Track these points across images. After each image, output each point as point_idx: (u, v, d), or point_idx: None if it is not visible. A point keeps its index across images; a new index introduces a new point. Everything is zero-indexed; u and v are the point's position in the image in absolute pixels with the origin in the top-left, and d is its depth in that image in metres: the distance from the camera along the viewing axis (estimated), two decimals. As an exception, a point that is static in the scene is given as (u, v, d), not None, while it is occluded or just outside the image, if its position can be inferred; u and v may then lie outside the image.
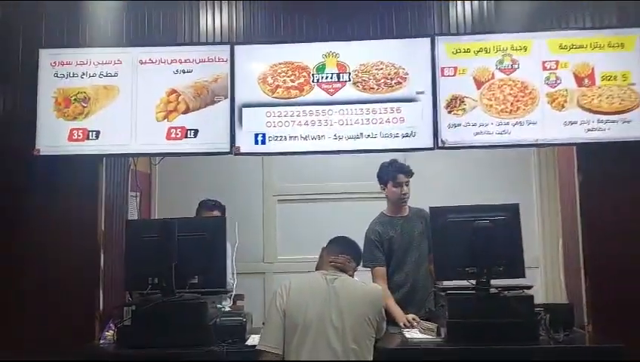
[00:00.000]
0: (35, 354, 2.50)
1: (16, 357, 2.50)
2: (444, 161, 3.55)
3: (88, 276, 2.64)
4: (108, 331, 2.56)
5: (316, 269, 2.25)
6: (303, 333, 1.95)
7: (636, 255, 2.52)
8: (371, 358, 1.99)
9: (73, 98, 2.57)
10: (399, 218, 2.80)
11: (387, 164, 2.80)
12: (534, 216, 3.65)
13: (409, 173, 2.71)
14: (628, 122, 2.45)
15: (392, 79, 2.53)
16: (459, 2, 2.61)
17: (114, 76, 2.59)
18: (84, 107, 2.57)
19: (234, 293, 3.09)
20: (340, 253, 2.17)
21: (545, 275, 3.57)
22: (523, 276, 2.41)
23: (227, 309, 2.78)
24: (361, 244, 2.52)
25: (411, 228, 2.76)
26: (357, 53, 2.57)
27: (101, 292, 2.66)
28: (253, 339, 2.37)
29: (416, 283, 2.75)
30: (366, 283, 2.19)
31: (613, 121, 2.45)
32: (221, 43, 2.64)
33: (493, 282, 2.39)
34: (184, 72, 2.60)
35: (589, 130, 2.46)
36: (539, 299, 2.73)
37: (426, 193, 3.08)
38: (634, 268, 2.51)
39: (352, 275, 2.15)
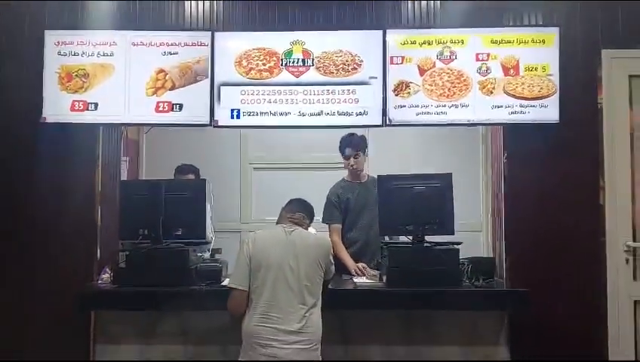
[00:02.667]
0: (44, 293, 2.96)
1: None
2: (405, 136, 4.04)
3: (87, 228, 3.05)
4: (104, 274, 3.01)
5: (277, 224, 2.70)
6: (265, 274, 2.36)
7: (548, 220, 2.99)
8: (320, 293, 2.45)
9: (74, 74, 2.94)
10: (357, 184, 3.28)
11: (345, 137, 3.26)
12: (479, 186, 4.14)
13: (356, 147, 3.17)
14: (545, 107, 2.88)
15: (349, 65, 2.93)
16: (409, 1, 3.02)
17: (110, 56, 2.95)
18: (83, 82, 2.95)
19: (212, 247, 3.56)
20: (297, 211, 2.62)
21: (486, 238, 4.09)
22: (452, 233, 2.88)
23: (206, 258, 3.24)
24: (321, 205, 2.99)
25: (366, 193, 3.23)
26: (320, 41, 2.95)
27: (98, 242, 3.10)
28: (227, 282, 2.86)
29: (369, 240, 3.24)
30: (317, 235, 2.65)
31: (533, 106, 2.88)
32: (203, 29, 3.00)
33: (429, 239, 2.89)
34: (171, 54, 2.96)
35: (512, 112, 2.90)
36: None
37: (387, 163, 3.62)
38: (546, 231, 2.99)
39: (305, 229, 2.61)
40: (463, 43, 2.93)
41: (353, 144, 3.18)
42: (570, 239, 2.98)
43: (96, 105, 2.95)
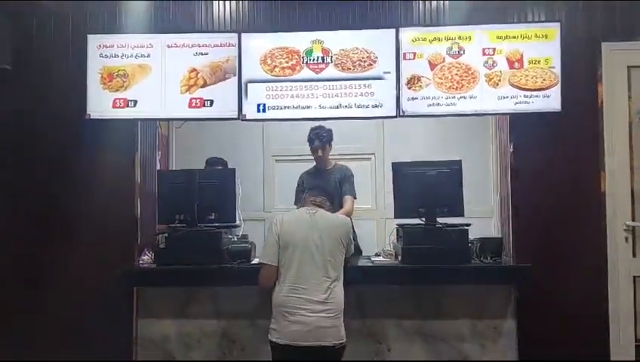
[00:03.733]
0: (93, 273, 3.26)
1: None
2: (419, 127, 4.30)
3: (128, 215, 3.33)
4: (144, 256, 3.33)
5: (301, 207, 2.95)
6: (293, 251, 2.62)
7: (552, 202, 3.21)
8: (342, 268, 2.70)
9: (115, 74, 3.23)
10: (323, 170, 3.68)
11: (311, 130, 3.62)
12: (490, 174, 4.35)
13: (323, 140, 3.59)
14: (548, 97, 3.09)
15: (364, 61, 3.18)
16: (419, 1, 3.27)
17: (147, 57, 3.22)
18: (123, 81, 3.24)
19: (241, 234, 3.84)
20: (318, 196, 2.87)
21: (497, 223, 4.30)
22: (462, 215, 3.12)
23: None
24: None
25: (329, 178, 3.55)
26: (338, 40, 3.19)
27: (138, 227, 3.39)
28: (255, 260, 3.15)
29: None
30: (338, 216, 2.91)
31: (536, 96, 3.10)
32: (231, 31, 3.27)
33: (441, 221, 3.14)
34: (202, 55, 3.22)
35: (517, 103, 3.12)
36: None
37: (404, 151, 3.90)
38: (550, 212, 3.20)
39: (326, 210, 2.88)
40: (470, 39, 3.15)
41: (321, 137, 3.57)
42: (573, 220, 3.20)
43: (135, 102, 3.24)
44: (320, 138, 3.59)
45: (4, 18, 3.24)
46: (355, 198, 3.68)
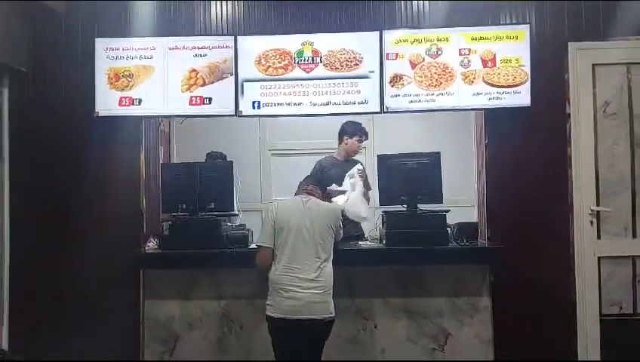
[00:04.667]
0: (102, 259, 3.53)
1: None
2: (412, 122, 4.58)
3: (134, 205, 3.58)
4: (149, 243, 3.60)
5: (295, 195, 3.24)
6: (287, 234, 2.88)
7: (524, 189, 3.47)
8: (331, 250, 2.94)
9: (121, 74, 3.48)
10: (340, 162, 3.89)
11: (353, 123, 3.81)
12: (472, 166, 4.62)
13: (365, 135, 3.83)
14: (518, 93, 3.36)
15: (351, 62, 3.43)
16: (402, 4, 3.53)
17: (150, 58, 3.47)
18: (129, 81, 3.49)
19: (238, 223, 4.11)
20: (310, 185, 3.16)
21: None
22: (440, 202, 3.40)
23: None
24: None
25: (343, 169, 3.74)
26: (327, 42, 3.45)
27: (144, 216, 3.65)
28: (252, 246, 3.42)
29: None
30: (328, 204, 3.19)
31: (507, 93, 3.37)
32: (227, 34, 3.53)
33: (423, 207, 3.42)
34: (201, 56, 3.47)
35: (490, 98, 3.38)
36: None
37: (397, 143, 4.19)
38: (522, 199, 3.47)
39: (317, 198, 3.14)
40: (447, 40, 3.42)
41: (364, 131, 3.85)
42: (542, 205, 3.48)
43: (140, 100, 3.49)
44: (365, 133, 3.88)
45: (21, 23, 3.49)
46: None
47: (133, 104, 3.50)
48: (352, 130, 3.85)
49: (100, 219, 3.57)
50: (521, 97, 3.39)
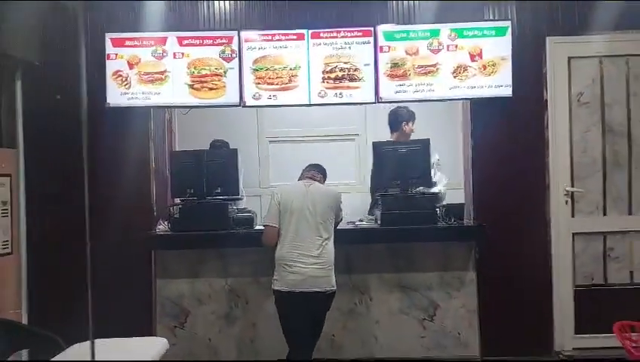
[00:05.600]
0: (116, 241, 3.74)
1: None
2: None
3: (144, 190, 3.81)
4: (160, 225, 3.85)
5: (298, 180, 3.49)
6: (291, 215, 3.13)
7: (505, 172, 3.76)
8: (332, 230, 3.20)
9: (134, 67, 3.69)
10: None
11: (407, 109, 4.02)
12: (459, 151, 4.91)
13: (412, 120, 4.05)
14: (501, 85, 3.68)
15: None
16: (393, 3, 3.79)
17: (158, 52, 3.66)
18: (139, 73, 3.72)
19: (243, 206, 4.36)
20: (312, 170, 3.43)
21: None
22: (430, 186, 3.72)
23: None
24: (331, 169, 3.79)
25: None
26: (325, 36, 3.72)
27: (154, 200, 3.89)
28: (257, 226, 3.69)
29: None
30: (329, 188, 3.44)
31: (491, 84, 3.67)
32: (231, 29, 3.74)
33: (416, 190, 3.70)
34: (206, 49, 3.66)
35: (475, 89, 3.67)
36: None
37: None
38: (503, 181, 3.76)
39: (319, 183, 3.39)
40: (437, 35, 3.69)
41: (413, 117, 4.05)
42: (522, 187, 3.79)
43: (149, 92, 3.72)
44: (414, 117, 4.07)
45: (33, 19, 3.66)
46: None
47: (142, 95, 3.71)
48: (409, 116, 4.06)
49: (113, 205, 3.77)
50: (504, 89, 3.68)
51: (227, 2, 3.87)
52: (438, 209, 3.66)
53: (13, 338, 2.88)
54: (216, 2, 3.87)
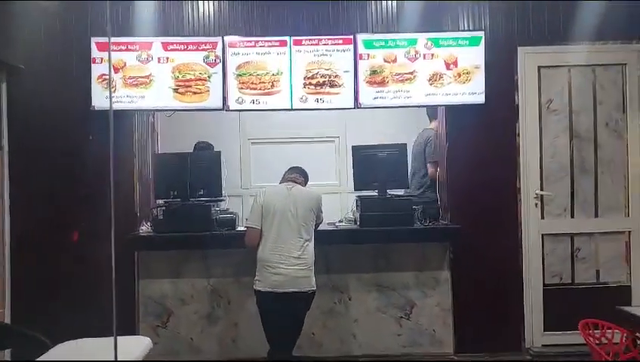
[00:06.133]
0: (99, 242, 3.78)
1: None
2: (383, 114, 4.93)
3: (128, 192, 3.86)
4: (143, 226, 3.91)
5: (280, 183, 3.59)
6: (273, 217, 3.21)
7: (479, 175, 3.90)
8: (313, 231, 3.30)
9: (120, 71, 3.74)
10: None
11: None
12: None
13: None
14: (474, 93, 3.84)
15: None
16: (373, 13, 3.92)
17: (144, 56, 3.71)
18: (124, 77, 3.77)
19: (225, 207, 4.44)
20: (294, 173, 3.53)
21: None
22: (407, 187, 3.88)
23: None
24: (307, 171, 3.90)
25: None
26: (306, 43, 3.82)
27: (137, 202, 3.95)
28: (239, 228, 3.78)
29: None
30: (310, 190, 3.54)
31: (465, 92, 3.84)
32: (215, 35, 3.82)
33: (393, 192, 3.84)
34: (191, 53, 3.73)
35: (450, 96, 3.80)
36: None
37: (369, 134, 4.57)
38: (477, 184, 3.91)
39: (301, 185, 3.48)
40: (414, 44, 3.83)
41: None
42: (495, 190, 3.95)
43: (134, 95, 3.77)
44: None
45: (18, 21, 3.69)
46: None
47: (127, 98, 3.77)
48: (435, 112, 4.29)
49: (96, 206, 3.80)
50: (477, 96, 3.83)
51: (212, 9, 3.96)
52: (415, 210, 3.80)
53: (-2, 337, 2.91)
54: (201, 8, 3.95)
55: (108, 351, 2.78)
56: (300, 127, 5.08)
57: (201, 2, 3.93)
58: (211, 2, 3.94)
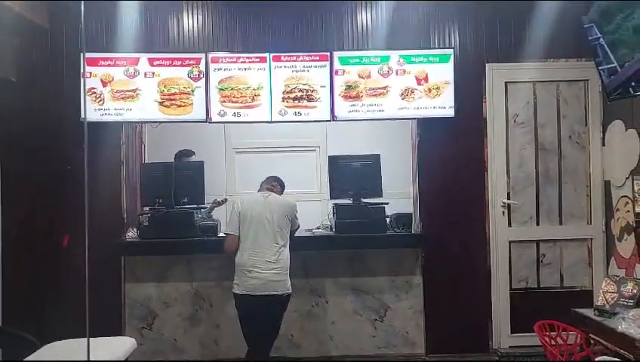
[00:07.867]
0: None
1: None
2: (361, 126, 5.13)
3: (116, 199, 4.03)
4: (129, 232, 4.10)
5: (257, 191, 3.77)
6: (250, 224, 3.38)
7: (448, 185, 4.12)
8: (288, 237, 3.48)
9: (108, 85, 3.93)
10: None
11: None
12: (410, 164, 5.27)
13: None
14: (444, 107, 4.06)
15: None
16: (348, 28, 4.14)
17: (131, 71, 3.90)
18: (112, 90, 3.97)
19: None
20: (271, 182, 3.71)
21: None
22: (381, 196, 4.04)
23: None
24: (287, 180, 4.09)
25: None
26: (284, 59, 4.05)
27: (124, 209, 4.13)
28: (221, 234, 3.97)
29: None
30: (286, 198, 3.71)
31: (435, 106, 4.05)
32: (199, 51, 4.04)
33: (367, 200, 4.04)
34: (175, 69, 3.94)
35: (421, 109, 4.02)
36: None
37: (347, 144, 4.74)
38: (446, 192, 4.12)
39: (276, 193, 3.65)
40: (387, 60, 4.05)
41: None
42: (464, 199, 4.16)
43: (122, 108, 3.96)
44: None
45: (9, 36, 3.87)
46: None
47: (115, 110, 3.96)
48: None
49: (83, 212, 3.98)
50: (447, 110, 4.05)
51: (196, 26, 4.16)
52: (388, 218, 4.00)
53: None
54: (185, 26, 4.16)
55: (93, 350, 2.98)
56: (283, 137, 5.28)
57: (185, 20, 4.14)
58: (195, 20, 4.15)
